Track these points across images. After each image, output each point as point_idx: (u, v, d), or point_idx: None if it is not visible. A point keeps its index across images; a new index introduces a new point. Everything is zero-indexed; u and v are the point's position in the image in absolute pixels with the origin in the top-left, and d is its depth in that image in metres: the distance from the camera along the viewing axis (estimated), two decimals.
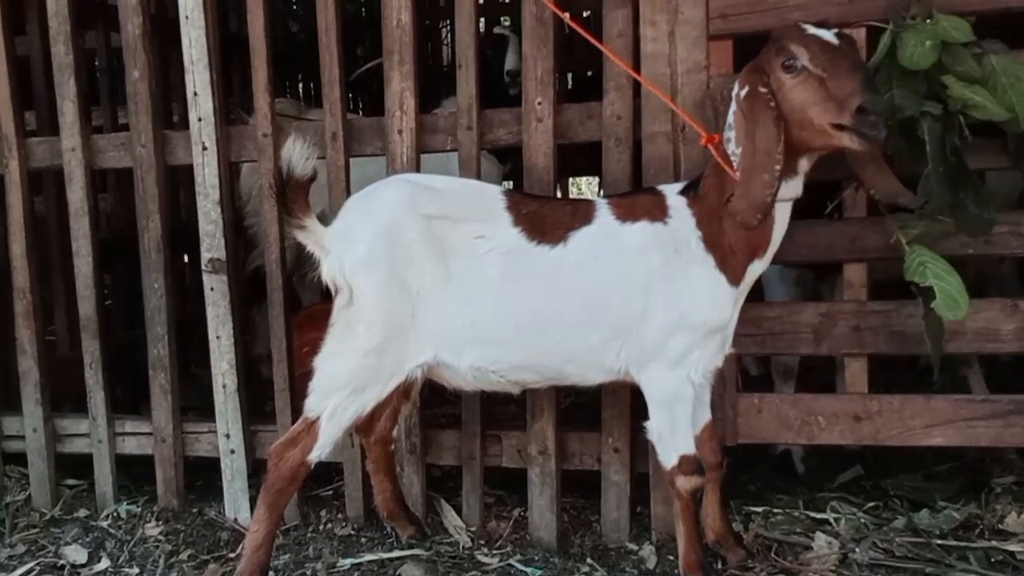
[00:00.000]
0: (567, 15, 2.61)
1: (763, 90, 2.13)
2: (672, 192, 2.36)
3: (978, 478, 2.98)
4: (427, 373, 2.42)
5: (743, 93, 2.18)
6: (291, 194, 2.29)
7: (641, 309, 2.28)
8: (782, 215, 2.27)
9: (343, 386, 2.33)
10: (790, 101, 2.11)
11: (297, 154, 2.28)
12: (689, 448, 2.35)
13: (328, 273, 2.34)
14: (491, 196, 2.40)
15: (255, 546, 2.41)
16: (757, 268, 2.33)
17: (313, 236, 2.34)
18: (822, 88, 2.05)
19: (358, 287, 2.30)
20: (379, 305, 2.30)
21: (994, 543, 2.62)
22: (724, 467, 2.57)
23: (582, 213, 2.36)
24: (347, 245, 2.31)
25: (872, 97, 2.00)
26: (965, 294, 2.20)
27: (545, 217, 2.35)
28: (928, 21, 2.20)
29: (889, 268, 2.45)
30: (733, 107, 2.22)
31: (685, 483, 2.35)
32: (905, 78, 2.21)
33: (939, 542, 2.65)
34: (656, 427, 2.37)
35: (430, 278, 2.29)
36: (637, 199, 2.39)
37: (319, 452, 2.37)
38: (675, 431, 2.34)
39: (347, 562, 2.76)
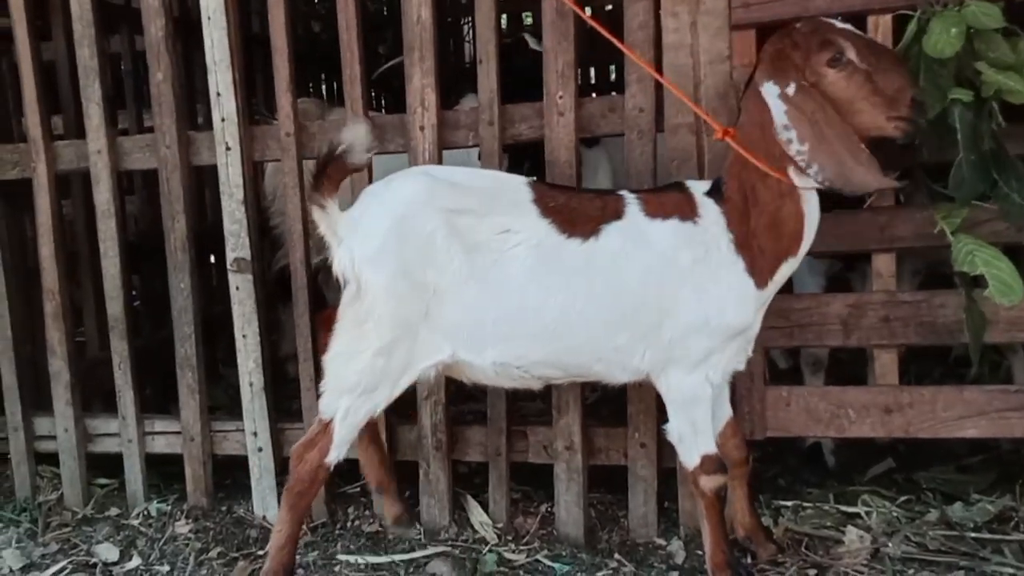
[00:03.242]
0: (587, 12, 2.58)
1: (806, 84, 2.12)
2: (699, 190, 2.32)
3: (1012, 470, 2.93)
4: (443, 371, 2.39)
5: (791, 90, 2.13)
6: (330, 171, 2.23)
7: (668, 309, 2.24)
8: (811, 208, 2.23)
9: (353, 387, 2.29)
10: (834, 95, 2.12)
11: (361, 140, 2.23)
12: (710, 447, 2.33)
13: (339, 264, 2.29)
14: (516, 188, 2.34)
15: (279, 546, 2.42)
16: (787, 269, 2.28)
17: (328, 219, 2.27)
18: (870, 82, 2.09)
19: (367, 283, 2.24)
20: (388, 303, 2.24)
21: None
22: (749, 463, 2.54)
23: (612, 207, 2.31)
24: (358, 238, 2.26)
25: (920, 89, 2.09)
26: (1019, 278, 2.15)
27: (574, 209, 2.30)
28: (957, 8, 2.16)
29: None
30: (783, 107, 2.14)
31: (708, 482, 2.33)
32: (929, 70, 2.17)
33: (973, 535, 2.61)
34: (677, 429, 2.34)
35: (450, 274, 2.24)
36: (666, 195, 2.34)
37: (336, 453, 2.34)
38: (696, 432, 2.32)
39: (375, 559, 2.76)
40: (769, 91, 2.17)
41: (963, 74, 2.19)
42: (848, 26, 2.16)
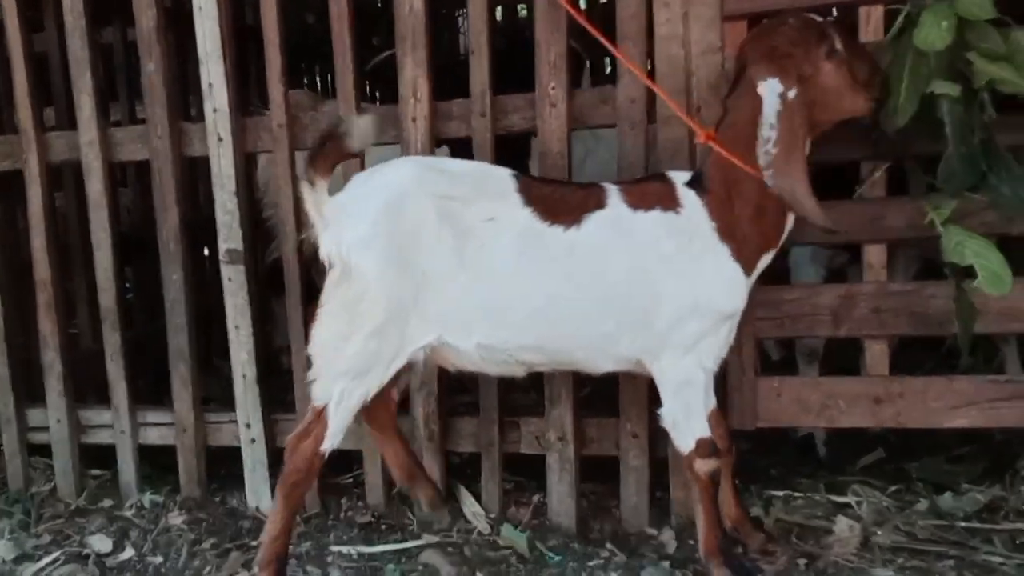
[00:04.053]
0: (577, 10, 2.59)
1: (803, 89, 2.21)
2: (680, 180, 2.34)
3: (1002, 460, 2.94)
4: (429, 356, 2.37)
5: (792, 94, 2.19)
6: (327, 150, 2.22)
7: (655, 299, 2.26)
8: None
9: (346, 371, 2.28)
10: (826, 84, 2.23)
11: (363, 127, 2.21)
12: (704, 431, 2.34)
13: (325, 248, 2.26)
14: (502, 177, 2.35)
15: (272, 537, 2.41)
16: (767, 259, 2.35)
17: (314, 197, 2.23)
18: (851, 69, 2.23)
19: (358, 267, 2.22)
20: (381, 286, 2.23)
21: (1019, 525, 2.59)
22: (734, 453, 2.56)
23: (595, 197, 2.33)
24: (348, 222, 2.24)
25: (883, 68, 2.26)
26: (1008, 269, 2.16)
27: (558, 199, 2.32)
28: (949, 1, 2.15)
29: None
30: (776, 106, 2.19)
31: (703, 466, 2.34)
32: (915, 64, 2.17)
33: (963, 525, 2.63)
34: (670, 414, 2.35)
35: (439, 259, 2.24)
36: (648, 186, 2.36)
37: (331, 441, 2.33)
38: (689, 416, 2.33)
39: (368, 550, 2.77)
40: (770, 87, 2.20)
41: (954, 65, 2.18)
42: (824, 18, 2.27)
